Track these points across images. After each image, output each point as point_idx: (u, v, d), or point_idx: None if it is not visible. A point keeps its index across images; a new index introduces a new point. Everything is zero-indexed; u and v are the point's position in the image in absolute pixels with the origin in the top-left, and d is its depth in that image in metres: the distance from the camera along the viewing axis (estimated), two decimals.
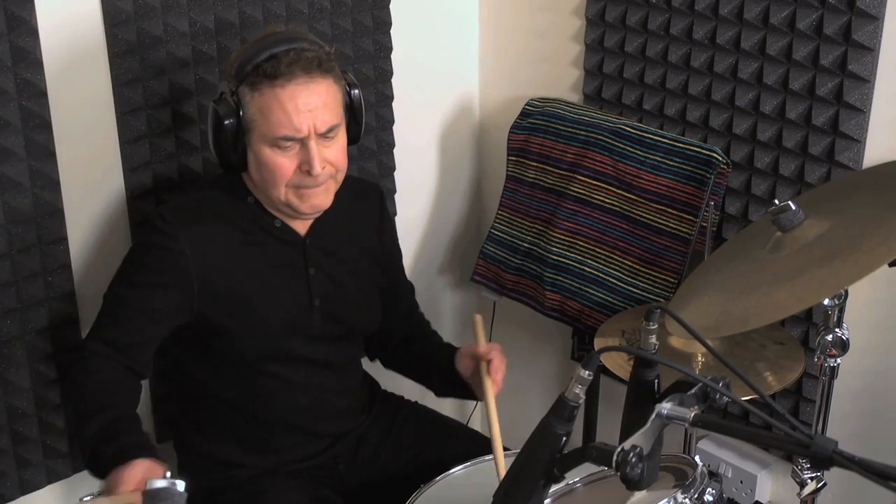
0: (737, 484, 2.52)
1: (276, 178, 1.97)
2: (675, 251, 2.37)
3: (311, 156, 1.95)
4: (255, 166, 1.99)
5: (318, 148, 1.95)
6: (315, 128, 1.94)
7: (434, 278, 2.98)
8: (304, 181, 1.99)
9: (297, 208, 2.03)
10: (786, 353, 2.14)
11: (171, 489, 1.24)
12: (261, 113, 1.93)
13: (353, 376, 2.31)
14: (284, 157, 1.96)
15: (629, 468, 1.29)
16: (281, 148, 1.95)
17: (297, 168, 1.97)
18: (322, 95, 1.95)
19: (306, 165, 1.96)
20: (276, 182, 1.98)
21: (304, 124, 1.93)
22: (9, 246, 2.07)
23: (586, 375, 1.37)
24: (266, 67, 1.91)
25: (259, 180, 2.01)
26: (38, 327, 2.15)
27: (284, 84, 1.91)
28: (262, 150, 1.96)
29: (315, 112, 1.93)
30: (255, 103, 1.93)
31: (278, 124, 1.93)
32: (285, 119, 1.92)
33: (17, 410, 2.16)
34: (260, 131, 1.95)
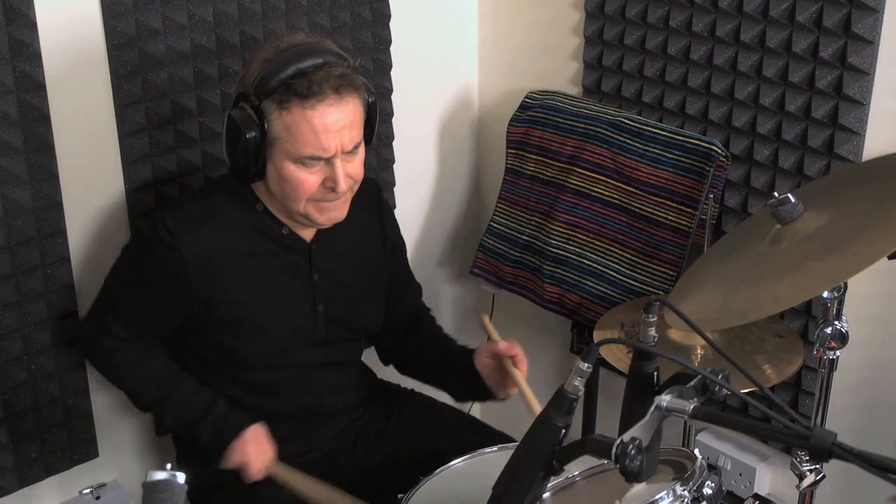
0: (736, 476, 2.52)
1: (298, 193, 1.96)
2: (675, 244, 2.37)
3: (336, 174, 1.94)
4: (275, 180, 1.97)
5: (342, 166, 1.95)
6: (342, 147, 1.93)
7: (433, 271, 2.98)
8: (327, 196, 1.98)
9: (315, 220, 2.03)
10: (785, 345, 2.13)
11: (171, 481, 1.24)
12: (288, 131, 1.90)
13: (352, 374, 2.31)
14: (308, 173, 1.94)
15: (628, 460, 1.29)
16: (306, 165, 1.93)
17: (321, 184, 1.96)
18: (350, 114, 1.93)
19: (330, 182, 1.95)
20: (297, 197, 1.97)
21: (333, 144, 1.91)
22: (8, 239, 2.07)
23: (585, 368, 1.37)
24: (295, 86, 1.87)
25: (279, 194, 1.99)
26: (37, 320, 2.15)
27: (315, 105, 1.88)
28: (285, 166, 1.94)
29: (342, 132, 1.92)
30: (282, 121, 1.90)
31: (306, 144, 1.90)
32: (314, 139, 1.90)
33: (16, 404, 2.16)
34: (285, 148, 1.92)
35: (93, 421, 2.31)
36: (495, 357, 2.18)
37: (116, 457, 2.41)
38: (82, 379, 2.26)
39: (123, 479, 2.42)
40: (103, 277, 2.24)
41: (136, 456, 2.46)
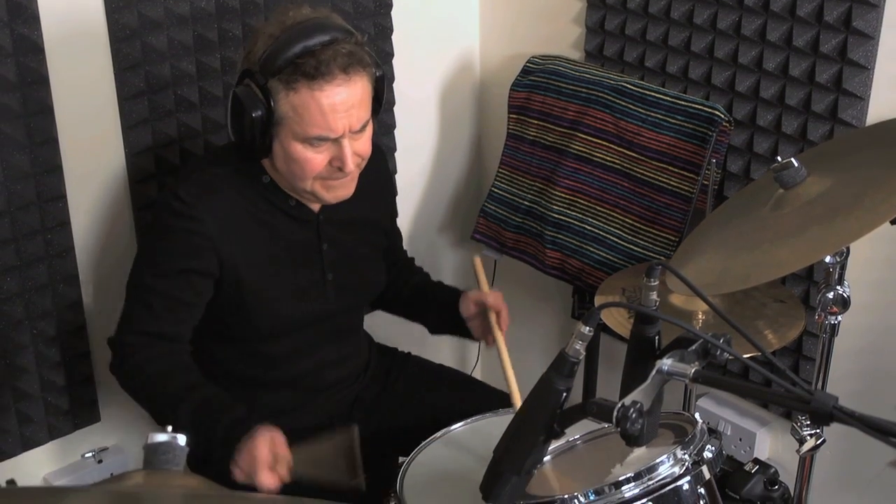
0: (736, 441, 2.53)
1: (305, 172, 1.95)
2: (676, 209, 2.36)
3: (343, 154, 1.92)
4: (282, 158, 1.95)
5: (350, 144, 1.93)
6: (350, 126, 1.91)
7: (434, 237, 2.97)
8: (334, 175, 1.96)
9: (322, 198, 2.01)
10: (786, 311, 2.13)
11: (172, 443, 1.23)
12: (295, 111, 1.88)
13: (354, 345, 2.32)
14: (315, 152, 1.92)
15: (629, 424, 1.29)
16: (313, 145, 1.91)
17: (328, 163, 1.94)
18: (358, 93, 1.90)
19: (338, 162, 1.94)
20: (304, 175, 1.95)
21: (340, 125, 1.89)
22: (8, 203, 2.06)
23: (587, 331, 1.37)
24: (302, 66, 1.84)
25: (285, 172, 1.97)
26: (38, 284, 2.15)
27: (322, 85, 1.85)
28: (292, 146, 1.92)
29: (351, 112, 1.90)
30: (289, 101, 1.87)
31: (313, 124, 1.88)
32: (321, 120, 1.88)
33: (17, 367, 2.17)
34: (292, 128, 1.90)
35: (94, 385, 2.32)
36: (481, 306, 2.19)
37: (118, 421, 2.41)
38: (84, 343, 2.26)
39: (125, 444, 2.43)
40: (104, 242, 2.24)
41: (138, 421, 2.46)
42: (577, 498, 1.55)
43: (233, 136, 1.95)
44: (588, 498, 1.55)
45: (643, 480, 1.56)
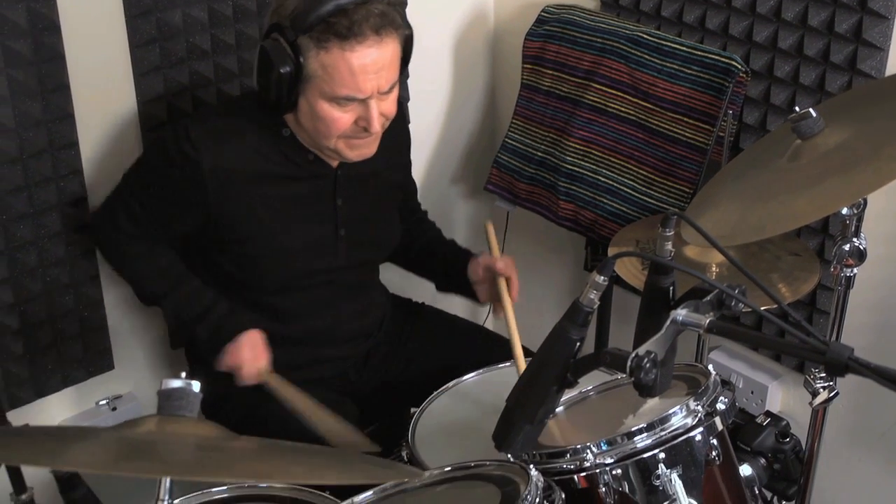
0: (748, 394, 2.53)
1: (330, 130, 1.94)
2: (691, 161, 2.34)
3: (371, 115, 1.92)
4: (307, 115, 1.94)
5: (377, 105, 1.92)
6: (378, 88, 1.90)
7: (447, 188, 2.96)
8: (359, 134, 1.96)
9: (345, 156, 2.01)
10: (801, 264, 2.12)
11: (186, 389, 1.24)
12: (325, 70, 1.87)
13: (369, 299, 2.31)
14: (342, 112, 1.91)
15: (643, 374, 1.29)
16: (340, 104, 1.91)
17: (354, 123, 1.94)
18: (388, 55, 1.89)
19: (364, 122, 1.93)
20: (329, 133, 1.95)
21: (370, 86, 1.89)
22: (20, 150, 2.05)
23: (601, 281, 1.36)
24: (335, 25, 1.83)
25: (310, 129, 1.97)
26: (51, 232, 2.15)
27: (354, 46, 1.84)
28: (318, 104, 1.91)
29: (380, 73, 1.89)
30: (319, 60, 1.86)
31: (343, 85, 1.87)
32: (351, 80, 1.87)
33: (31, 315, 2.17)
34: (320, 87, 1.89)
35: (108, 333, 2.32)
36: (490, 272, 2.18)
37: (131, 369, 2.43)
38: (97, 291, 2.27)
39: (139, 391, 2.44)
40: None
41: (151, 368, 2.48)
42: (590, 448, 1.56)
43: (258, 89, 1.94)
44: (600, 448, 1.56)
45: (655, 431, 1.57)
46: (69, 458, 1.22)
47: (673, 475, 1.52)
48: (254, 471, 1.25)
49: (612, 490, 1.54)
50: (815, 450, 1.99)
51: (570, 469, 1.56)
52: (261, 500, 1.87)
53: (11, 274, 2.12)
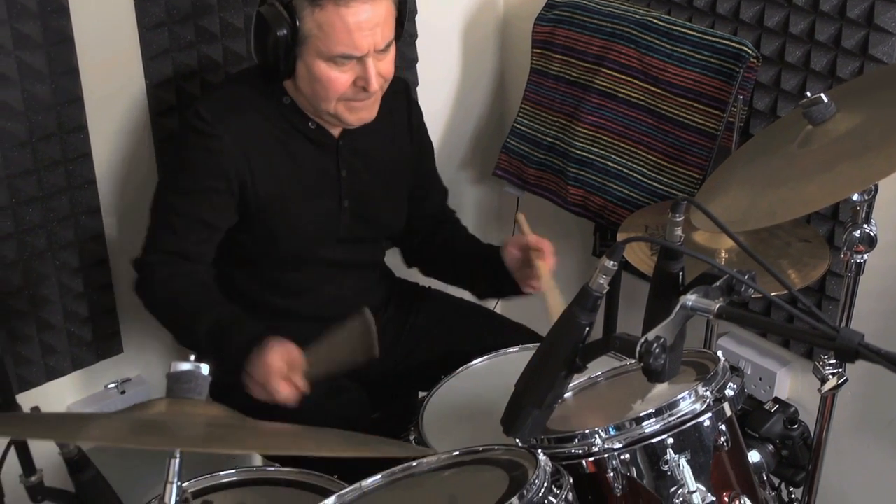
0: (756, 381, 2.53)
1: (328, 92, 1.94)
2: (701, 146, 2.33)
3: (368, 73, 1.92)
4: (305, 79, 1.95)
5: (374, 64, 1.92)
6: (375, 45, 1.91)
7: (456, 173, 2.95)
8: (358, 95, 1.96)
9: (345, 120, 2.01)
10: (810, 250, 2.12)
11: (195, 372, 1.24)
12: (320, 29, 1.88)
13: (373, 277, 2.32)
14: (340, 72, 1.92)
15: (652, 359, 1.29)
16: (337, 64, 1.91)
17: (352, 83, 1.94)
18: (383, 12, 1.90)
19: (362, 81, 1.93)
20: (328, 96, 1.95)
21: (366, 43, 1.89)
22: (29, 133, 2.06)
23: (611, 265, 1.36)
24: None
25: (309, 93, 1.97)
26: (60, 216, 2.15)
27: (349, 2, 1.85)
28: (316, 65, 1.92)
29: (376, 30, 1.89)
30: (314, 19, 1.87)
31: (339, 42, 1.88)
32: (347, 38, 1.87)
33: (41, 298, 2.18)
34: (316, 47, 1.90)
35: (117, 317, 2.33)
36: (523, 250, 2.17)
37: (140, 353, 2.43)
38: (106, 275, 2.27)
39: (148, 375, 2.45)
40: (126, 173, 2.24)
41: (160, 352, 2.48)
42: (598, 433, 1.55)
43: (256, 56, 1.95)
44: (608, 433, 1.56)
45: (664, 416, 1.56)
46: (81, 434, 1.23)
47: (681, 460, 1.52)
48: (263, 443, 1.25)
49: (621, 475, 1.54)
50: (823, 436, 1.99)
51: (579, 454, 1.55)
52: (269, 484, 1.88)
53: (21, 257, 2.12)
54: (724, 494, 1.58)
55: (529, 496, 1.39)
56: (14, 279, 2.12)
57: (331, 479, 1.82)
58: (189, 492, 1.26)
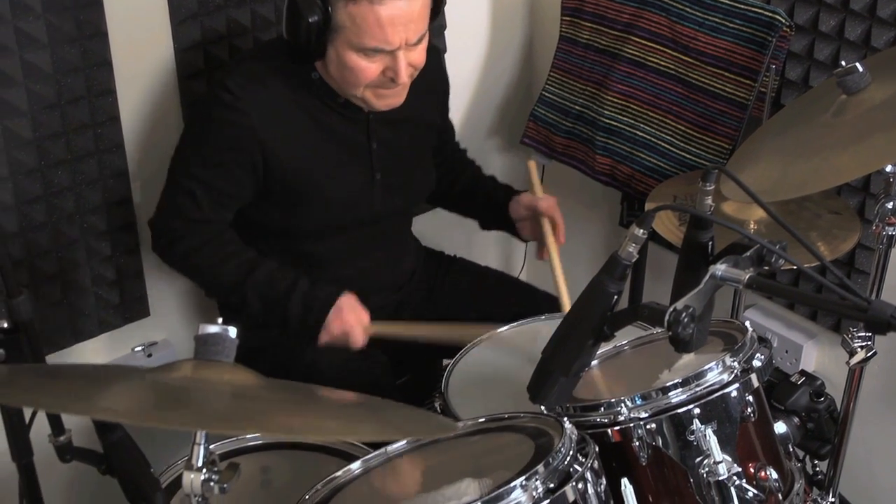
0: (782, 353, 2.52)
1: (357, 80, 1.94)
2: (731, 116, 2.31)
3: (398, 66, 1.91)
4: (335, 64, 1.94)
5: (405, 56, 1.92)
6: (406, 40, 1.90)
7: (483, 141, 2.94)
8: (386, 84, 1.96)
9: (372, 105, 2.00)
10: (840, 222, 2.10)
11: (223, 335, 1.24)
12: (353, 22, 1.86)
13: (402, 249, 2.32)
14: (369, 62, 1.91)
15: (681, 328, 1.28)
16: (367, 55, 1.90)
17: (381, 73, 1.93)
18: (417, 7, 1.88)
19: (391, 73, 1.93)
20: (356, 83, 1.95)
21: (398, 38, 1.88)
22: (58, 96, 2.06)
23: (641, 234, 1.35)
24: None
25: (338, 78, 1.97)
26: (89, 179, 2.16)
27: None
28: (346, 54, 1.91)
29: (409, 25, 1.88)
30: (347, 11, 1.86)
31: (371, 36, 1.87)
32: (379, 32, 1.86)
33: (69, 261, 2.19)
34: (348, 38, 1.89)
35: (144, 280, 2.34)
36: (532, 211, 2.17)
37: (167, 316, 2.44)
38: (133, 239, 2.28)
39: (174, 339, 2.46)
40: (153, 138, 2.24)
41: (186, 316, 2.50)
42: (624, 402, 1.55)
43: (286, 36, 1.93)
44: (634, 402, 1.55)
45: (691, 387, 1.56)
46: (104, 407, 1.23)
47: (707, 430, 1.51)
48: (288, 425, 1.25)
49: (646, 444, 1.54)
50: (850, 410, 1.98)
51: (604, 423, 1.56)
52: (294, 448, 1.89)
53: (49, 219, 2.13)
54: (749, 465, 1.57)
55: (555, 464, 1.39)
56: (42, 241, 2.13)
57: (355, 444, 1.83)
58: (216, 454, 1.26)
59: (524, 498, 1.33)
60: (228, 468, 1.26)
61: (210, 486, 1.22)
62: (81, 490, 2.33)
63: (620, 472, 1.55)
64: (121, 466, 1.56)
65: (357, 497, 1.53)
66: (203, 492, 1.22)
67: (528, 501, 1.33)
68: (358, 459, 1.60)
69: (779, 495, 1.59)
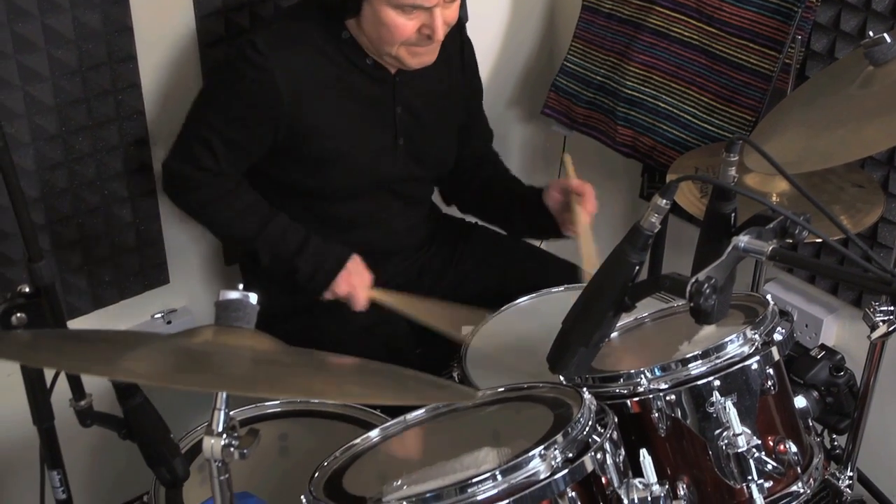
0: (802, 328, 2.51)
1: (393, 37, 1.94)
2: (755, 88, 2.29)
3: (435, 23, 1.92)
4: (371, 22, 1.94)
5: (442, 13, 1.92)
6: None
7: (503, 111, 2.93)
8: (422, 42, 1.96)
9: (406, 63, 2.00)
10: (864, 196, 2.08)
11: (244, 301, 1.24)
12: None
13: (422, 214, 2.32)
14: (407, 19, 1.92)
15: (703, 299, 1.28)
16: (405, 12, 1.91)
17: (417, 31, 1.93)
18: None
19: (427, 30, 1.93)
20: (392, 41, 1.95)
21: None
22: (79, 62, 2.06)
23: (663, 204, 1.34)
24: None
25: (373, 36, 1.97)
26: (109, 146, 2.16)
27: None
28: (383, 11, 1.91)
29: None
30: None
31: None
32: None
33: (89, 227, 2.20)
34: None
35: (164, 247, 2.34)
36: (565, 193, 2.16)
37: (186, 284, 2.45)
38: (153, 206, 2.28)
39: (193, 306, 2.47)
40: (173, 105, 2.24)
41: (206, 283, 2.50)
42: (644, 373, 1.54)
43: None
44: (654, 374, 1.55)
45: (711, 359, 1.55)
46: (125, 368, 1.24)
47: (727, 403, 1.50)
48: (308, 388, 1.25)
49: (665, 416, 1.54)
50: (870, 384, 1.96)
51: (624, 394, 1.55)
52: (313, 416, 1.89)
53: (70, 186, 2.13)
54: (768, 438, 1.57)
55: (574, 434, 1.38)
56: (63, 208, 2.14)
57: (374, 412, 1.83)
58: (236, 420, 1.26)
59: (543, 467, 1.33)
60: (248, 434, 1.26)
61: (230, 452, 1.22)
62: (102, 455, 2.35)
63: (639, 443, 1.54)
64: (141, 431, 1.57)
65: (375, 464, 1.54)
66: (223, 457, 1.22)
67: (547, 471, 1.33)
68: (376, 427, 1.61)
69: (798, 468, 1.59)
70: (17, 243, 2.05)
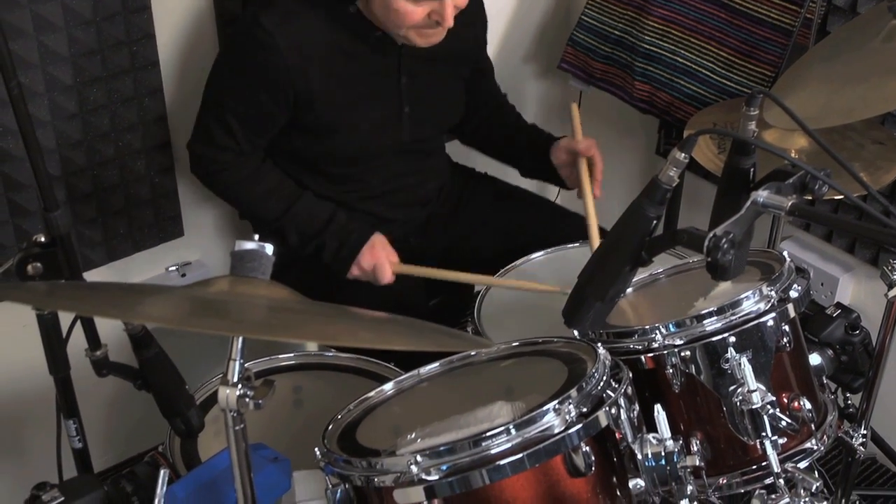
0: (818, 286, 2.50)
1: (402, 22, 1.93)
2: (775, 43, 2.26)
3: (445, 11, 1.91)
4: (380, 4, 1.93)
5: (451, 1, 1.91)
6: None
7: (519, 66, 2.90)
8: (431, 26, 1.95)
9: (414, 43, 1.99)
10: (884, 153, 2.06)
11: (259, 251, 1.24)
12: None
13: (433, 164, 2.31)
14: (416, 6, 1.90)
15: (720, 254, 1.27)
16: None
17: (427, 16, 1.92)
18: None
19: (437, 16, 1.92)
20: (400, 25, 1.94)
21: None
22: (94, 13, 2.04)
23: (682, 157, 1.33)
24: None
25: (382, 17, 1.95)
26: (124, 97, 2.15)
27: None
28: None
29: None
30: None
31: None
32: None
33: (104, 179, 2.19)
34: None
35: (178, 200, 2.34)
36: (572, 154, 2.15)
37: (200, 237, 2.45)
38: (168, 158, 2.28)
39: (208, 259, 2.47)
40: (188, 56, 2.22)
41: (220, 236, 2.50)
42: (658, 329, 1.54)
43: None
44: (669, 330, 1.54)
45: (726, 315, 1.54)
46: (141, 312, 1.24)
47: (742, 359, 1.50)
48: (322, 332, 1.24)
49: (680, 372, 1.53)
50: (886, 343, 1.95)
51: (638, 349, 1.55)
52: (326, 369, 1.90)
53: (85, 137, 2.13)
54: (783, 395, 1.57)
55: (588, 389, 1.38)
56: (78, 159, 2.14)
57: (387, 366, 1.83)
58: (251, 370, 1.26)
59: (557, 422, 1.33)
60: (263, 384, 1.26)
61: (245, 402, 1.22)
62: (117, 406, 2.37)
63: (653, 399, 1.54)
64: (156, 382, 1.57)
65: (389, 417, 1.54)
66: (238, 407, 1.22)
67: (561, 425, 1.33)
68: (390, 381, 1.61)
69: (811, 426, 1.59)
70: (33, 194, 2.06)
